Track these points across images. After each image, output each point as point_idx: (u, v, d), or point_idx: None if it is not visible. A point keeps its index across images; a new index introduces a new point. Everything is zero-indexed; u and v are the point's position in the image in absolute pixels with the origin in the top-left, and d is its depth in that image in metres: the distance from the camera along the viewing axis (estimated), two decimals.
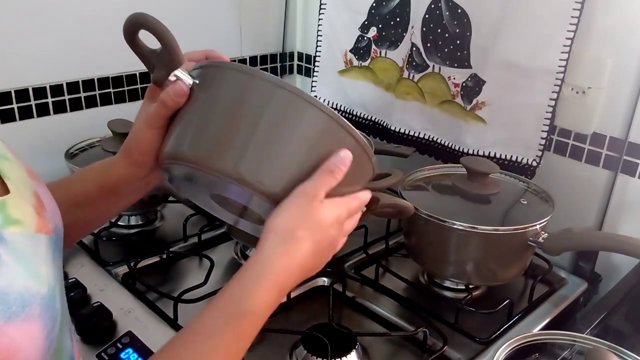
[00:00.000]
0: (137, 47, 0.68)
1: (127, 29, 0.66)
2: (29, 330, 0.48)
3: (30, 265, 0.50)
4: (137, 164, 0.73)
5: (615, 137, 1.12)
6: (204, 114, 0.64)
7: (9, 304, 0.46)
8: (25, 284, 0.49)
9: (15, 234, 0.50)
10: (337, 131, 0.64)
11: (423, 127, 1.36)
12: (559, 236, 1.00)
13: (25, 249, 0.51)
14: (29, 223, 0.53)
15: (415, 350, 0.98)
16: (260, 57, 1.68)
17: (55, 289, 0.54)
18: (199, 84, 0.66)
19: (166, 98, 0.66)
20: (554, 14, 1.09)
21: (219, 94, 0.64)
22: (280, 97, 0.62)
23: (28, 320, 0.48)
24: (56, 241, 0.59)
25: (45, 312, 0.50)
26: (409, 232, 1.11)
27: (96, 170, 0.77)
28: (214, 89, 0.65)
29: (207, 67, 0.67)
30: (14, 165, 0.58)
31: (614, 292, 1.07)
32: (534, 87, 1.15)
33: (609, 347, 0.82)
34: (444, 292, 1.13)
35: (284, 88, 0.62)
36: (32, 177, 0.60)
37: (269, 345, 0.97)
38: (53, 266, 0.55)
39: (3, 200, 0.51)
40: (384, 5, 1.36)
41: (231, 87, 0.64)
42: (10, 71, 1.24)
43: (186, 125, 0.66)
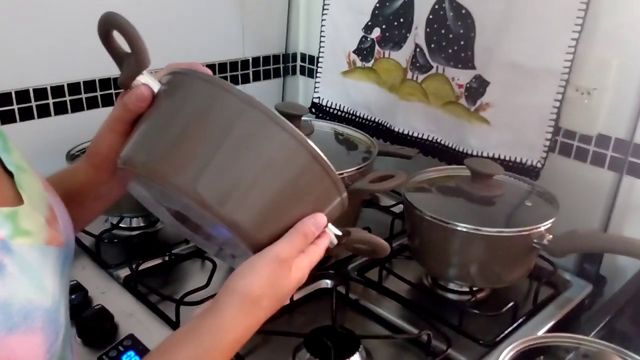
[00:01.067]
0: (110, 47, 0.65)
1: (99, 28, 0.64)
2: (30, 343, 0.48)
3: (36, 277, 0.50)
4: (97, 168, 0.70)
5: (620, 138, 1.12)
6: (166, 121, 0.61)
7: (11, 315, 0.46)
8: (29, 296, 0.49)
9: (23, 245, 0.50)
10: (305, 158, 0.61)
11: (427, 128, 1.35)
12: (563, 238, 0.99)
13: (32, 261, 0.51)
14: (39, 234, 0.53)
15: (419, 353, 0.97)
16: (263, 58, 1.68)
17: (61, 302, 0.54)
18: (166, 90, 0.63)
19: (128, 101, 0.63)
20: (558, 14, 1.09)
21: (184, 102, 0.61)
22: (250, 115, 0.59)
23: (30, 332, 0.48)
24: (67, 254, 0.59)
25: (48, 325, 0.50)
26: (412, 234, 1.11)
27: (61, 175, 0.75)
28: (180, 96, 0.62)
29: (176, 74, 0.64)
30: (30, 177, 0.59)
31: (619, 294, 1.07)
32: (538, 88, 1.14)
33: (615, 350, 0.82)
34: (447, 294, 1.12)
35: (256, 107, 0.59)
36: (47, 189, 0.60)
37: (271, 348, 0.96)
38: (61, 279, 0.55)
39: (15, 211, 0.51)
40: (387, 6, 1.36)
41: (198, 97, 0.61)
42: (11, 72, 1.24)
43: (146, 131, 0.62)
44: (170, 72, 0.65)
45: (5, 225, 0.49)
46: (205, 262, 1.18)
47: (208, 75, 0.62)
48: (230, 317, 0.58)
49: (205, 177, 0.57)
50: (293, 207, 0.62)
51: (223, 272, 1.15)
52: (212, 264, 1.13)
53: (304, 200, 0.62)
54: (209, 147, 0.58)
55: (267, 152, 0.59)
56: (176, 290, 1.09)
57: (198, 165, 0.57)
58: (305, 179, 0.61)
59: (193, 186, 0.57)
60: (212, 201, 0.57)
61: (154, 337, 0.93)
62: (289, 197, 0.61)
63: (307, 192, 0.62)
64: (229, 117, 0.59)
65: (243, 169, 0.58)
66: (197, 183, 0.57)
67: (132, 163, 0.61)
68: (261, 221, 0.59)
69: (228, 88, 0.60)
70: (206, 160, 0.57)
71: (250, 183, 0.58)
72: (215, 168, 0.57)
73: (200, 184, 0.57)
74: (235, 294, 0.58)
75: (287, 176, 0.60)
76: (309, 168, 0.61)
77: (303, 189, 0.62)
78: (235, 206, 0.58)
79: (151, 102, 0.64)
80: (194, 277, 1.15)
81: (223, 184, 0.57)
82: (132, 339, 0.92)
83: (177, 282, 1.13)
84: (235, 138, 0.58)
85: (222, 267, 1.15)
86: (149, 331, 0.95)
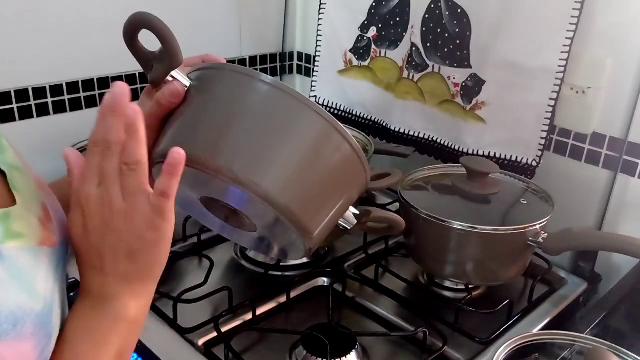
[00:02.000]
0: (135, 47, 0.68)
1: (128, 27, 0.66)
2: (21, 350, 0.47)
3: (27, 282, 0.49)
4: None
5: (615, 137, 1.12)
6: (201, 114, 0.64)
7: (0, 322, 0.45)
8: (19, 302, 0.48)
9: (14, 248, 0.49)
10: (333, 136, 0.64)
11: (423, 127, 1.36)
12: (558, 236, 1.00)
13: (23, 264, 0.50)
14: (31, 236, 0.52)
15: (415, 351, 0.98)
16: (260, 57, 1.68)
17: (53, 304, 0.53)
18: (196, 86, 0.65)
19: (161, 98, 0.64)
20: (553, 13, 1.09)
21: (217, 94, 0.64)
22: (279, 99, 0.62)
23: (19, 339, 0.47)
24: (61, 254, 0.58)
25: (39, 331, 0.49)
26: (408, 232, 1.11)
27: None
28: (213, 90, 0.64)
29: (205, 70, 0.67)
30: (24, 176, 0.58)
31: (613, 292, 1.07)
32: (533, 87, 1.15)
33: (609, 347, 0.82)
34: (443, 292, 1.13)
35: (284, 90, 0.62)
36: (41, 188, 0.60)
37: (268, 345, 0.97)
38: (54, 280, 0.54)
39: (7, 212, 0.51)
40: (383, 5, 1.36)
41: (230, 88, 0.63)
42: (10, 71, 1.24)
43: (182, 125, 0.65)
44: (198, 68, 0.67)
45: None
46: (202, 260, 1.18)
47: (236, 66, 0.65)
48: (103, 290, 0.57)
49: (243, 159, 0.60)
50: (327, 180, 0.65)
51: (220, 270, 1.16)
52: (210, 262, 1.13)
53: (336, 175, 0.65)
54: (245, 131, 0.61)
55: (299, 132, 0.62)
56: (174, 288, 1.09)
57: (236, 150, 0.60)
58: (336, 157, 0.64)
59: (231, 168, 0.59)
60: (251, 181, 0.60)
61: (152, 335, 0.93)
62: (319, 172, 0.64)
63: (337, 169, 0.65)
64: (261, 102, 0.62)
65: (278, 150, 0.61)
66: (236, 165, 0.59)
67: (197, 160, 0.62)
68: (295, 193, 0.62)
69: (256, 76, 0.63)
70: (244, 145, 0.60)
71: (284, 161, 0.61)
72: (253, 151, 0.60)
73: (238, 166, 0.59)
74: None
75: (318, 154, 0.63)
76: (338, 146, 0.64)
77: (336, 167, 0.65)
78: (271, 182, 0.60)
79: (183, 99, 0.66)
80: (192, 274, 1.15)
81: (261, 164, 0.60)
82: None
83: (175, 280, 1.13)
84: (268, 119, 0.62)
85: (220, 264, 1.16)
86: (147, 329, 0.94)
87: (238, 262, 1.20)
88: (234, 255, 1.22)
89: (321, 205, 0.66)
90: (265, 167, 0.61)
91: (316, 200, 0.64)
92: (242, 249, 1.22)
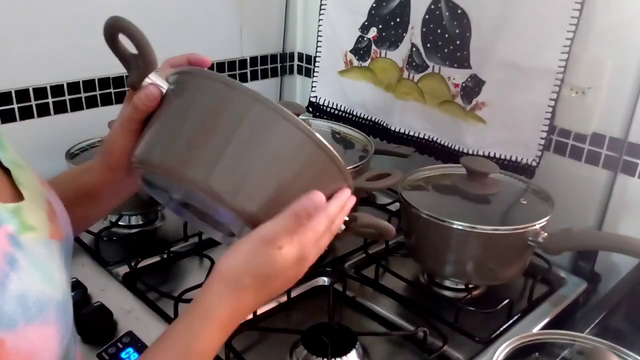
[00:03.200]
0: (117, 50, 0.68)
1: (105, 31, 0.66)
2: (46, 334, 0.49)
3: (46, 271, 0.51)
4: (111, 167, 0.72)
5: (614, 137, 1.12)
6: (176, 119, 0.63)
7: (28, 306, 0.47)
8: (42, 289, 0.49)
9: (31, 239, 0.51)
10: (310, 148, 0.62)
11: (423, 127, 1.36)
12: (558, 236, 1.00)
13: (40, 255, 0.51)
14: (42, 229, 0.54)
15: (415, 350, 0.98)
16: (261, 57, 1.68)
17: (69, 294, 0.54)
18: (174, 89, 0.65)
19: (138, 102, 0.65)
20: (553, 14, 1.10)
21: (193, 101, 0.63)
22: (256, 111, 0.60)
23: (45, 324, 0.49)
24: (67, 248, 0.59)
25: (60, 317, 0.51)
26: (408, 231, 1.12)
27: (73, 174, 0.77)
28: (189, 95, 0.64)
29: (183, 74, 0.66)
30: (27, 173, 0.59)
31: (613, 291, 1.07)
32: (533, 87, 1.15)
33: (609, 347, 0.82)
34: (443, 291, 1.13)
35: (261, 102, 0.60)
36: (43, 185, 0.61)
37: (269, 344, 0.97)
38: (65, 272, 0.56)
39: (18, 207, 0.52)
40: (384, 6, 1.37)
41: (206, 96, 0.62)
42: (11, 71, 1.24)
43: (157, 130, 0.65)
44: (177, 72, 0.67)
45: (12, 221, 0.50)
46: (203, 259, 1.18)
47: (213, 73, 0.64)
48: (214, 300, 0.59)
49: (217, 172, 0.59)
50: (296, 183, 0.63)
51: None
52: (210, 262, 1.14)
53: (312, 188, 0.62)
54: (219, 143, 0.60)
55: (274, 143, 0.61)
56: (174, 287, 1.09)
57: (210, 161, 0.59)
58: (312, 168, 0.63)
59: (206, 181, 0.59)
60: (225, 194, 0.59)
61: (153, 334, 0.93)
62: (298, 187, 0.62)
63: (314, 181, 0.63)
64: (236, 112, 0.61)
65: (252, 162, 0.60)
66: (210, 178, 0.59)
67: (147, 162, 0.63)
68: (272, 211, 0.60)
69: (232, 84, 0.61)
70: (217, 156, 0.59)
71: (260, 175, 0.60)
72: (226, 162, 0.59)
73: (213, 179, 0.59)
74: (217, 275, 0.60)
75: (295, 166, 0.62)
76: (315, 157, 0.63)
77: (311, 178, 0.63)
78: (247, 198, 0.59)
79: (161, 101, 0.66)
80: (192, 274, 1.16)
81: (234, 177, 0.59)
82: (131, 335, 0.93)
83: (176, 280, 1.14)
84: (243, 132, 0.60)
85: None
86: (148, 328, 0.96)
87: None
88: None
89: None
90: (238, 180, 0.60)
91: (283, 207, 0.61)
92: None
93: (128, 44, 0.66)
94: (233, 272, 0.59)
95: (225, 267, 0.59)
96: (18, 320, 0.46)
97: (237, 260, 0.59)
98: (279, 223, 0.59)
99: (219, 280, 0.59)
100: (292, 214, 0.59)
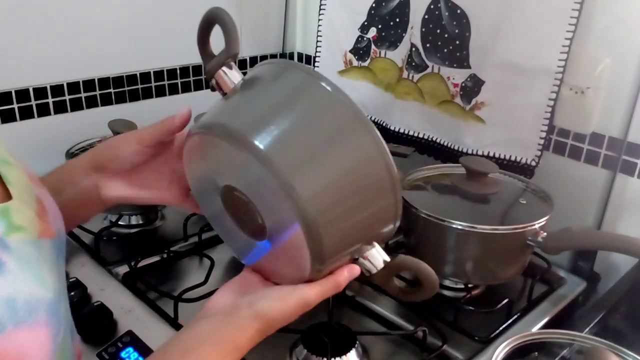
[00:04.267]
0: (205, 42, 0.73)
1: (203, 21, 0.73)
2: (37, 336, 0.49)
3: (35, 272, 0.50)
4: (107, 173, 0.78)
5: (614, 137, 1.13)
6: (257, 99, 0.64)
7: (17, 310, 0.46)
8: (31, 291, 0.49)
9: (19, 240, 0.50)
10: (377, 162, 0.64)
11: (422, 127, 1.36)
12: (558, 235, 1.00)
13: (29, 256, 0.51)
14: (32, 229, 0.53)
15: (415, 349, 0.98)
16: (260, 57, 1.68)
17: (61, 294, 0.54)
18: (254, 77, 0.67)
19: (170, 125, 0.75)
20: (553, 14, 1.10)
21: (276, 85, 0.65)
22: (340, 110, 0.62)
23: (35, 326, 0.48)
24: (59, 245, 0.59)
25: (51, 318, 0.50)
26: (408, 231, 1.12)
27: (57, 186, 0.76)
28: (272, 79, 0.66)
29: (267, 65, 0.69)
30: (16, 170, 0.58)
31: (612, 291, 1.07)
32: (533, 87, 1.15)
33: (608, 346, 0.82)
34: (443, 291, 1.13)
35: (354, 110, 0.63)
36: (33, 181, 0.60)
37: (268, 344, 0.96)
38: (57, 270, 0.55)
39: (6, 207, 0.51)
40: (383, 6, 1.37)
41: (292, 82, 0.64)
42: (11, 71, 1.25)
43: (229, 103, 0.66)
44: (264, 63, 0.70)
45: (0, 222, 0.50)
46: (203, 259, 1.18)
47: (304, 66, 0.67)
48: (244, 332, 0.65)
49: (282, 149, 0.59)
50: (357, 208, 0.64)
51: (221, 269, 1.16)
52: (210, 261, 1.14)
53: (367, 205, 0.64)
54: (293, 128, 0.61)
55: (347, 150, 0.62)
56: (175, 287, 1.10)
57: (279, 138, 0.60)
58: (374, 187, 0.64)
59: (268, 153, 0.59)
60: (283, 172, 0.58)
61: (153, 334, 0.94)
62: (357, 198, 0.63)
63: (372, 201, 0.64)
64: (318, 107, 0.62)
65: (315, 150, 0.61)
66: (274, 153, 0.59)
67: (213, 126, 0.64)
68: (319, 205, 0.60)
69: (322, 80, 0.63)
70: (288, 137, 0.60)
71: (321, 168, 0.61)
72: (294, 145, 0.60)
73: (276, 154, 0.59)
74: (258, 315, 0.65)
75: (362, 179, 0.63)
76: (381, 179, 0.64)
77: (370, 195, 0.64)
78: (302, 182, 0.59)
79: (231, 90, 0.68)
80: (192, 274, 1.16)
81: (298, 161, 0.60)
82: (130, 335, 0.93)
83: (176, 279, 1.14)
84: (320, 125, 0.62)
85: (220, 264, 1.16)
86: (148, 328, 0.96)
87: (239, 261, 1.19)
88: (234, 255, 1.22)
89: (346, 234, 0.64)
90: (302, 166, 0.60)
91: (343, 227, 0.63)
92: None
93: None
94: (274, 321, 0.66)
95: (268, 311, 0.65)
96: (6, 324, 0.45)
97: (281, 314, 0.65)
98: (323, 291, 0.66)
99: (256, 319, 0.65)
100: (333, 283, 0.66)
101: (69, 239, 1.19)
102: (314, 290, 0.64)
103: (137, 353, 0.89)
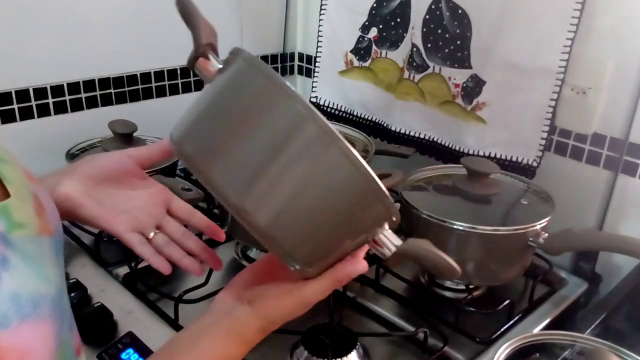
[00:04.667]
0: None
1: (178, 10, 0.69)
2: (41, 331, 0.49)
3: (38, 268, 0.51)
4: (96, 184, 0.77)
5: (615, 137, 1.12)
6: (219, 113, 0.59)
7: (22, 305, 0.47)
8: (35, 286, 0.49)
9: (21, 237, 0.50)
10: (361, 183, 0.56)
11: (423, 127, 1.36)
12: (559, 236, 1.00)
13: (31, 252, 0.51)
14: (31, 226, 0.53)
15: (416, 351, 0.98)
16: (261, 57, 1.68)
17: (63, 290, 0.54)
18: (223, 70, 0.63)
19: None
20: (554, 14, 1.10)
21: (240, 95, 0.58)
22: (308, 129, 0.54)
23: (39, 321, 0.49)
24: (57, 242, 0.59)
25: (54, 313, 0.51)
26: (409, 232, 1.11)
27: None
28: (237, 88, 0.59)
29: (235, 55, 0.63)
30: (13, 168, 0.58)
31: (614, 292, 1.07)
32: (534, 88, 1.15)
33: (610, 347, 0.82)
34: (444, 292, 1.13)
35: (317, 122, 0.54)
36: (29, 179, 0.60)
37: (269, 345, 0.96)
38: (57, 267, 0.55)
39: (5, 205, 0.51)
40: (384, 6, 1.36)
41: (255, 95, 0.57)
42: (11, 72, 1.25)
43: (198, 114, 0.60)
44: (232, 52, 0.64)
45: (1, 220, 0.50)
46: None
47: (270, 70, 0.57)
48: (247, 328, 0.66)
49: (253, 190, 0.55)
50: (340, 228, 0.58)
51: (221, 270, 1.15)
52: None
53: (351, 222, 0.58)
54: (260, 155, 0.55)
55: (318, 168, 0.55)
56: (175, 288, 1.09)
57: (246, 176, 0.55)
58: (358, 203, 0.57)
59: (241, 201, 0.55)
60: (260, 221, 0.55)
61: (153, 335, 0.94)
62: (338, 219, 0.57)
63: (356, 215, 0.58)
64: (287, 126, 0.54)
65: (291, 183, 0.55)
66: (245, 197, 0.55)
67: (181, 152, 0.60)
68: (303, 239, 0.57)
69: (291, 93, 0.54)
70: (256, 170, 0.55)
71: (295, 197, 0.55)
72: (265, 180, 0.54)
73: (248, 199, 0.55)
74: (258, 314, 0.65)
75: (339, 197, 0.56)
76: (361, 191, 0.56)
77: (353, 209, 0.58)
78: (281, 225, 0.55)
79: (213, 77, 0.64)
80: (193, 275, 1.15)
81: (271, 199, 0.55)
82: (131, 336, 0.93)
83: (176, 280, 1.14)
84: (289, 149, 0.54)
85: None
86: (148, 329, 0.96)
87: (239, 262, 1.20)
88: (234, 255, 1.22)
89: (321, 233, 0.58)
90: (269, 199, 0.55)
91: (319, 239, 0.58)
92: (243, 249, 1.23)
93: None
94: (274, 322, 0.66)
95: (269, 312, 0.66)
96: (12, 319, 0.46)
97: (281, 314, 0.65)
98: (323, 289, 0.64)
99: (259, 321, 0.66)
100: (334, 279, 0.63)
101: (69, 240, 1.19)
102: (313, 287, 0.63)
103: (138, 354, 0.89)
